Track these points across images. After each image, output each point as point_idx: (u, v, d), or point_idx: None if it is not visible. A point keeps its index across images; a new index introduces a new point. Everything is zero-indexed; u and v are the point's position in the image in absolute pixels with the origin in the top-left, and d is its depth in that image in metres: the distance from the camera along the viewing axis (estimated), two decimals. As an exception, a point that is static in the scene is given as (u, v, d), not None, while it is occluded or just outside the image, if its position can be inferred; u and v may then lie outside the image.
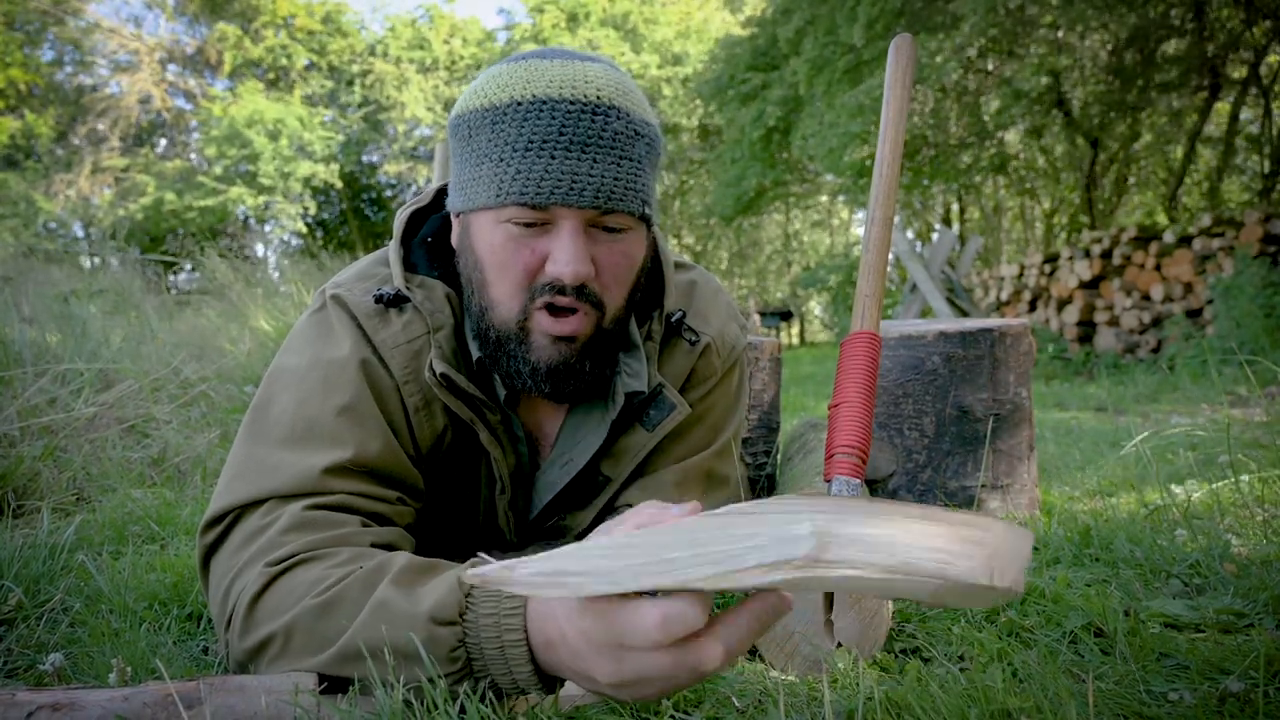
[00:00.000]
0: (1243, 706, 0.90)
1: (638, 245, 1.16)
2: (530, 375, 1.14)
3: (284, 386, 1.15)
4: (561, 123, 1.07)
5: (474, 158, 1.12)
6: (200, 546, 1.09)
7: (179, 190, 21.15)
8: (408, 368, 1.15)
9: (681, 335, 1.31)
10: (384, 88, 23.60)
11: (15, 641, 1.23)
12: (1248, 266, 6.78)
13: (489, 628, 0.85)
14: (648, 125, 1.14)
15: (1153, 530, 1.66)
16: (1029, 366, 1.98)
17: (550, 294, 1.09)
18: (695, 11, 24.65)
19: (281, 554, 0.99)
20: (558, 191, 1.06)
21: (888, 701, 0.93)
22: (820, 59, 11.01)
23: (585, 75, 1.10)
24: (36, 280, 4.45)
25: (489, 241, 1.11)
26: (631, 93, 1.14)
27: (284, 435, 1.10)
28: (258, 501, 1.06)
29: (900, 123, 1.39)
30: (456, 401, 1.16)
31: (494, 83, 1.12)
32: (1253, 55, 10.15)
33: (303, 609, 0.93)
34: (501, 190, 1.08)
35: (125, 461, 2.49)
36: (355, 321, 1.17)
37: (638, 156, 1.12)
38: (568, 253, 1.07)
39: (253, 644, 0.96)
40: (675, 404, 1.27)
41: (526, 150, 1.07)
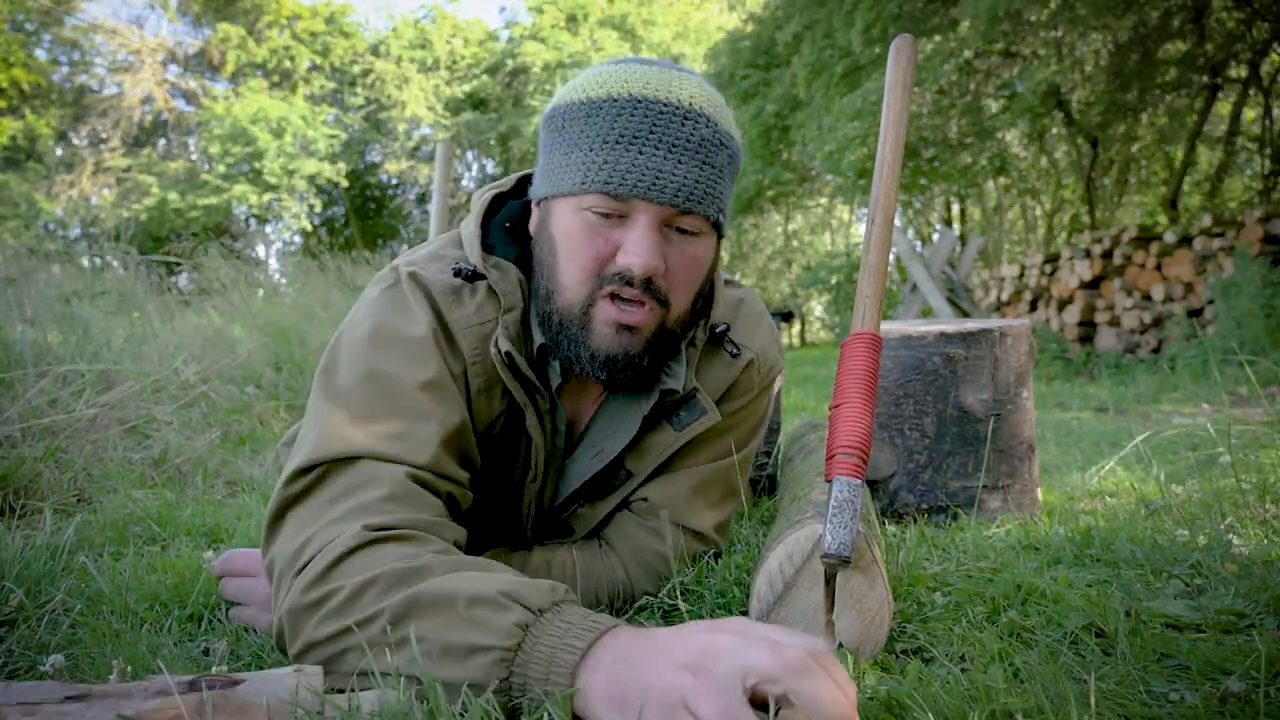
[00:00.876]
0: (1244, 707, 0.90)
1: (707, 251, 1.20)
2: (589, 361, 1.17)
3: (361, 354, 1.15)
4: (653, 122, 1.12)
5: (564, 147, 1.16)
6: (282, 497, 1.07)
7: (182, 190, 21.16)
8: (476, 349, 1.18)
9: (723, 346, 1.36)
10: (385, 87, 23.60)
11: (16, 642, 1.23)
12: (1248, 266, 6.77)
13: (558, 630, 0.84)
14: (731, 138, 1.19)
15: (1154, 530, 1.65)
16: (1030, 367, 1.98)
17: (618, 284, 1.13)
18: (694, 12, 24.64)
19: (383, 521, 0.99)
20: (640, 185, 1.10)
21: (889, 701, 0.93)
22: (819, 63, 11.01)
23: (680, 82, 1.15)
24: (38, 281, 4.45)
25: (566, 227, 1.15)
26: (721, 106, 1.19)
27: (369, 401, 1.10)
28: (350, 458, 1.05)
29: (901, 124, 1.39)
30: (514, 383, 1.19)
31: (593, 80, 1.17)
32: (1252, 55, 10.13)
33: (388, 569, 0.92)
34: (587, 178, 1.12)
35: (126, 462, 2.49)
36: (430, 300, 1.18)
37: (719, 165, 1.16)
38: (641, 245, 1.11)
39: (318, 595, 0.94)
40: (706, 409, 1.31)
41: (616, 143, 1.11)
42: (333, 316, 4.58)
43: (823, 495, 1.30)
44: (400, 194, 26.97)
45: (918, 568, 1.45)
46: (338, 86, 24.35)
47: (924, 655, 1.12)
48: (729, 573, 1.35)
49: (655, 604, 1.30)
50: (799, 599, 1.11)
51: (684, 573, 1.35)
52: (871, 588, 1.11)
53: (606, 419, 1.31)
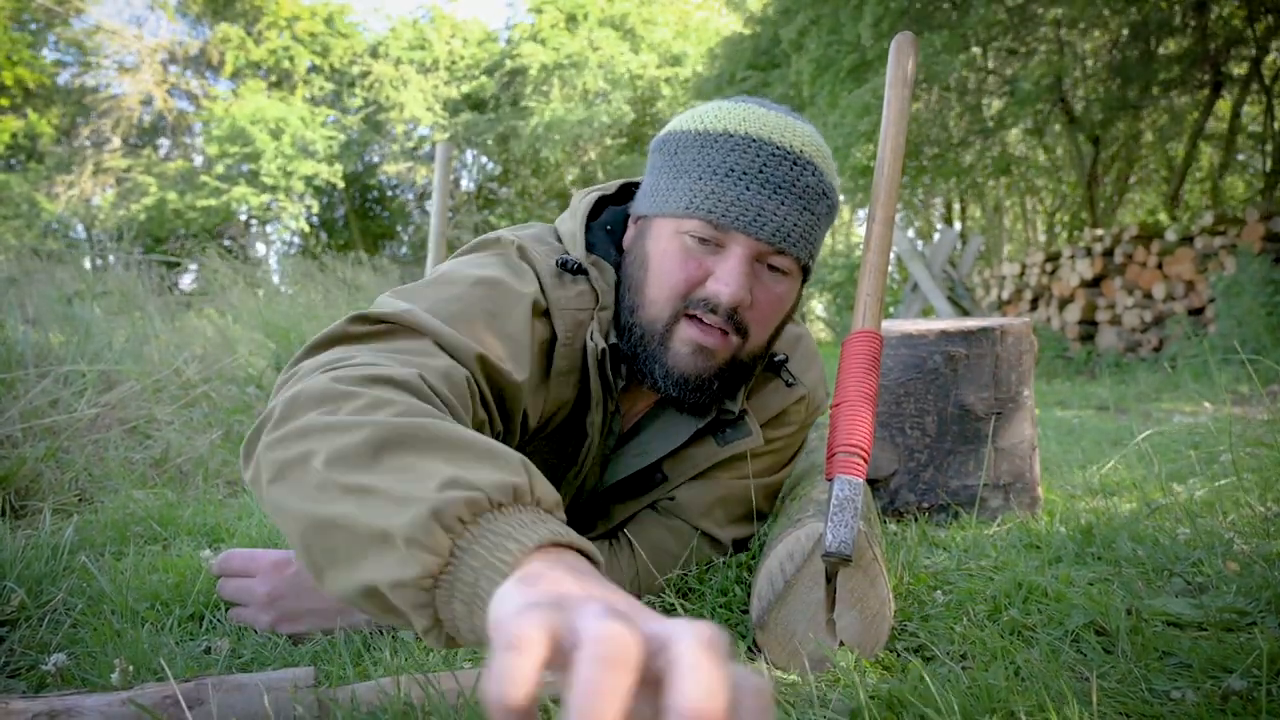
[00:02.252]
0: (1245, 705, 0.90)
1: (792, 291, 1.25)
2: (663, 378, 1.20)
3: (452, 283, 1.11)
4: (764, 161, 1.17)
5: (674, 171, 1.21)
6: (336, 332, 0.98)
7: (181, 191, 21.16)
8: (570, 331, 1.19)
9: (779, 375, 1.40)
10: (383, 89, 23.59)
11: (18, 642, 1.23)
12: (1249, 264, 6.77)
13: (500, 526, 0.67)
14: (833, 190, 1.24)
15: (1155, 529, 1.65)
16: (1031, 365, 1.98)
17: (703, 309, 1.16)
18: (694, 12, 24.62)
19: (437, 385, 0.91)
20: (742, 219, 1.15)
21: (890, 700, 0.93)
22: (825, 58, 11.00)
23: (794, 129, 1.20)
24: (40, 281, 4.46)
25: (664, 246, 1.19)
26: (828, 158, 1.24)
27: (449, 310, 1.05)
28: (421, 332, 0.99)
29: (902, 122, 1.39)
30: (598, 379, 1.21)
31: (713, 114, 1.23)
32: (1254, 52, 10.13)
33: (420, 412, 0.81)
34: (692, 204, 1.16)
35: (127, 462, 2.49)
36: (535, 270, 1.19)
37: (819, 212, 1.21)
38: (732, 276, 1.15)
39: (343, 391, 0.82)
40: (752, 431, 1.35)
41: (726, 176, 1.16)
42: (333, 316, 4.58)
43: (823, 494, 1.30)
44: (399, 194, 26.97)
45: (919, 566, 1.45)
46: (337, 88, 24.35)
47: (925, 654, 1.12)
48: (730, 571, 1.35)
49: (657, 603, 1.30)
50: (800, 598, 1.11)
51: (686, 571, 1.35)
52: (872, 586, 1.11)
53: (658, 424, 1.34)
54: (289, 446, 0.78)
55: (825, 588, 1.11)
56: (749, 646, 1.17)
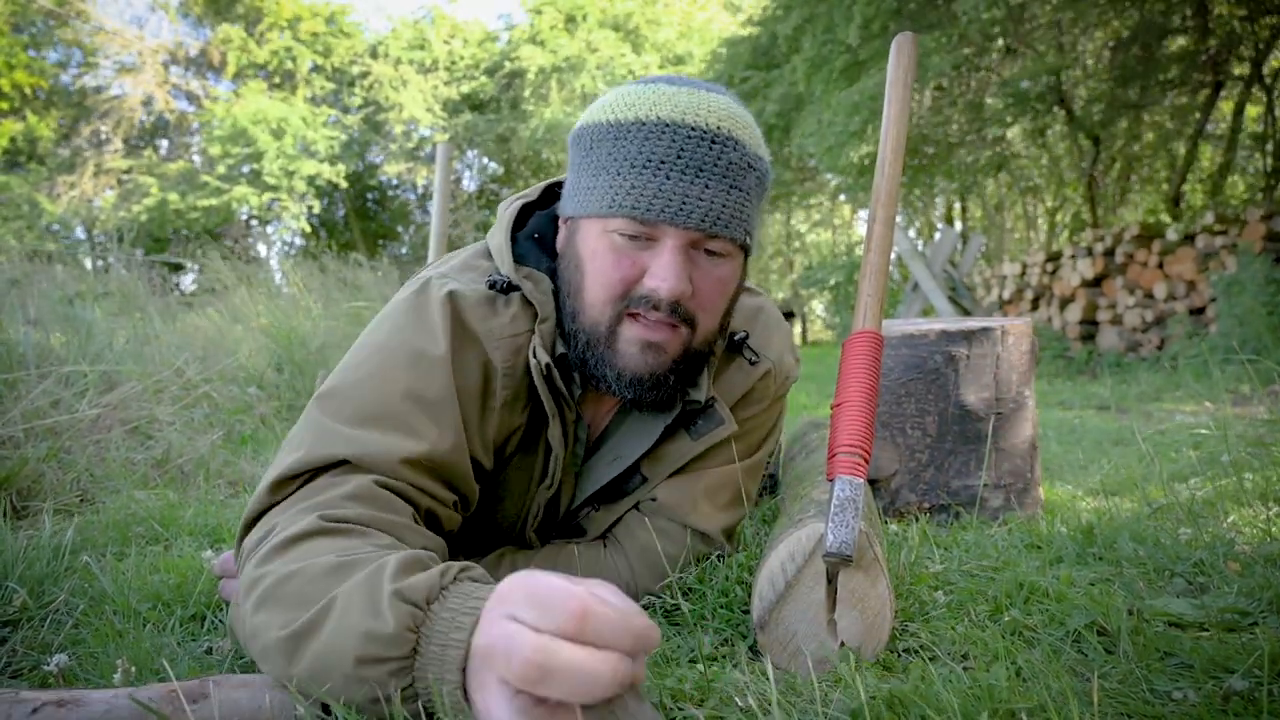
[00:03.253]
0: (1247, 705, 0.90)
1: (734, 272, 1.21)
2: (615, 380, 1.18)
3: (371, 366, 1.14)
4: (680, 146, 1.12)
5: (592, 168, 1.17)
6: (265, 502, 1.06)
7: (182, 191, 21.17)
8: (509, 361, 1.18)
9: (742, 354, 1.36)
10: (382, 89, 23.60)
11: (20, 642, 1.23)
12: (1251, 264, 6.77)
13: (444, 620, 0.80)
14: (760, 160, 1.19)
15: (1156, 529, 1.65)
16: (1032, 365, 1.98)
17: (644, 307, 1.14)
18: (697, 12, 24.61)
19: (339, 513, 0.98)
20: (667, 210, 1.11)
21: (891, 700, 0.93)
22: (819, 58, 10.99)
23: (708, 105, 1.15)
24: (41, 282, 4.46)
25: (593, 248, 1.16)
26: (749, 127, 1.19)
27: (366, 413, 1.09)
28: (333, 465, 1.05)
29: (902, 122, 1.39)
30: (548, 395, 1.19)
31: (621, 101, 1.18)
32: (1255, 52, 10.12)
33: (316, 562, 0.90)
34: (614, 202, 1.13)
35: (128, 463, 2.50)
36: (459, 316, 1.17)
37: (747, 188, 1.17)
38: (667, 270, 1.12)
39: (259, 575, 0.93)
40: (724, 419, 1.32)
41: (644, 168, 1.12)
42: (334, 315, 4.59)
43: (824, 494, 1.30)
44: (400, 195, 26.97)
45: (920, 566, 1.45)
46: (337, 87, 24.36)
47: (926, 654, 1.12)
48: (731, 571, 1.35)
49: (658, 604, 1.30)
50: (801, 598, 1.11)
51: (686, 572, 1.35)
52: (873, 586, 1.11)
53: (626, 426, 1.32)
54: (251, 637, 0.92)
55: (826, 588, 1.11)
56: (750, 647, 1.17)
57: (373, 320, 1.24)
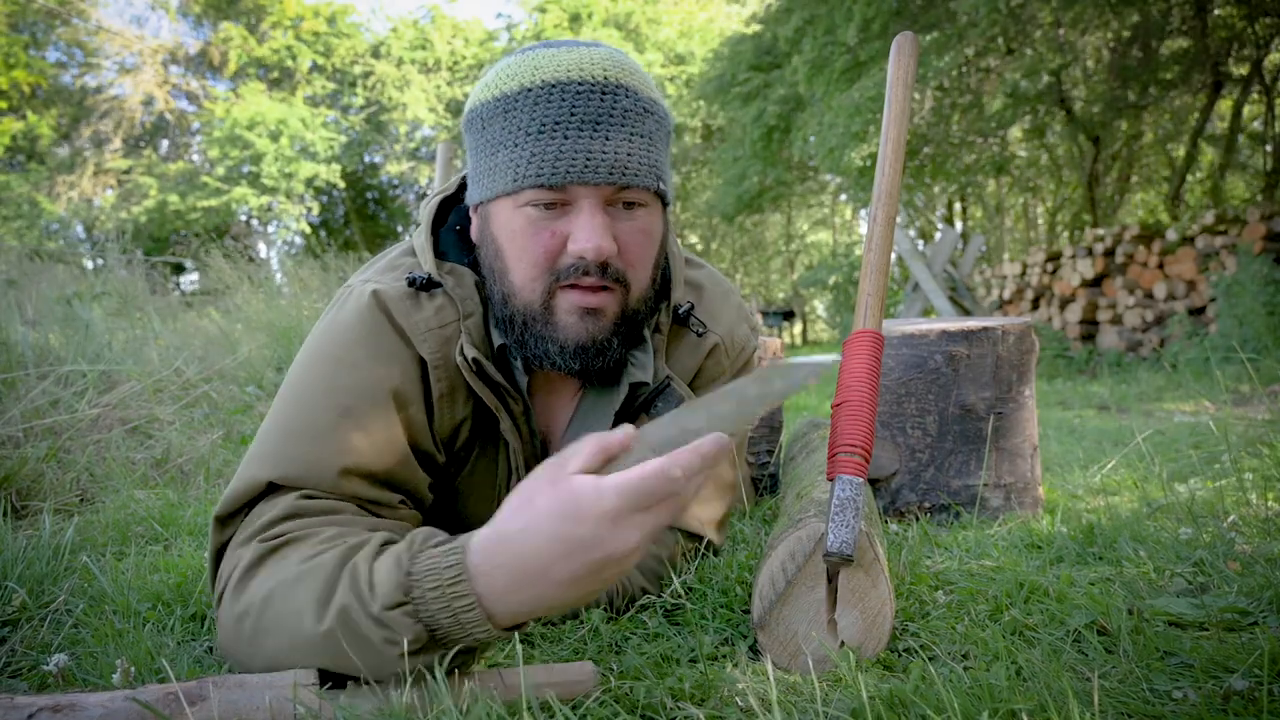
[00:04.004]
0: (1247, 705, 0.90)
1: (656, 221, 1.18)
2: (559, 354, 1.15)
3: (303, 383, 1.15)
4: (572, 104, 1.09)
5: (489, 147, 1.14)
6: (217, 541, 1.09)
7: (182, 192, 21.17)
8: (437, 353, 1.16)
9: (688, 326, 1.31)
10: (385, 89, 23.60)
11: (19, 642, 1.23)
12: (1250, 264, 6.77)
13: (437, 600, 0.86)
14: (655, 103, 1.16)
15: (1156, 529, 1.65)
16: (1032, 365, 1.98)
17: (575, 275, 1.11)
18: (698, 12, 24.61)
19: (274, 532, 1.01)
20: (573, 170, 1.07)
21: (892, 700, 0.93)
22: (819, 59, 11.00)
23: (590, 58, 1.12)
24: (40, 282, 4.46)
25: (509, 228, 1.13)
26: (636, 72, 1.16)
27: (297, 431, 1.10)
28: (266, 491, 1.07)
29: (902, 122, 1.39)
30: (484, 389, 1.17)
31: (503, 74, 1.14)
32: (1255, 52, 10.12)
33: (280, 580, 0.94)
34: (518, 175, 1.09)
35: (128, 462, 2.49)
36: (385, 313, 1.16)
37: (648, 133, 1.13)
38: (588, 230, 1.09)
39: (235, 614, 0.97)
40: (684, 397, 1.27)
41: (540, 133, 1.09)
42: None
43: (825, 494, 1.30)
44: (401, 195, 26.97)
45: (920, 566, 1.45)
46: (338, 87, 24.36)
47: (927, 654, 1.12)
48: (731, 571, 1.35)
49: (659, 604, 1.30)
50: (802, 597, 1.11)
51: (686, 571, 1.35)
52: (874, 586, 1.11)
53: (581, 421, 1.29)
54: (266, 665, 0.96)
55: (827, 587, 1.11)
56: (750, 646, 1.17)
57: (309, 337, 1.23)
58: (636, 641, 1.16)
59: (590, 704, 0.94)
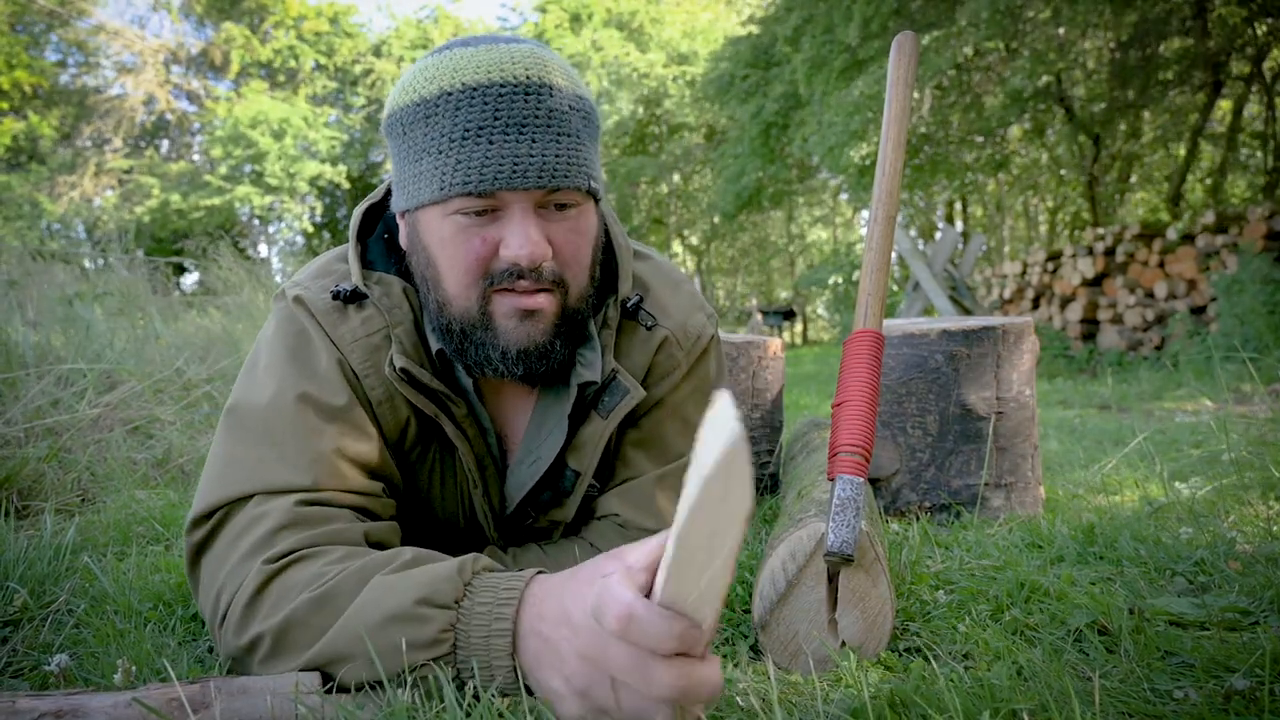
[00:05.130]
0: (1248, 704, 0.90)
1: (588, 220, 1.15)
2: (501, 360, 1.12)
3: (260, 382, 1.14)
4: (495, 106, 1.06)
5: (412, 154, 1.11)
6: (189, 545, 1.09)
7: (184, 192, 21.18)
8: (367, 361, 1.14)
9: (637, 319, 1.28)
10: (385, 87, 23.60)
11: (20, 642, 1.23)
12: (1251, 263, 6.76)
13: (482, 614, 0.87)
14: (581, 100, 1.13)
15: (1157, 528, 1.65)
16: (1032, 364, 1.98)
17: (510, 280, 1.08)
18: (700, 12, 24.60)
19: (277, 551, 1.00)
20: (500, 176, 1.04)
21: (893, 700, 0.93)
22: (818, 58, 10.99)
23: (511, 57, 1.08)
24: (41, 283, 4.46)
25: (438, 236, 1.10)
26: (559, 68, 1.12)
27: (266, 432, 1.09)
28: (245, 497, 1.06)
29: (903, 121, 1.39)
30: (419, 396, 1.15)
31: (421, 76, 1.11)
32: (1255, 51, 10.12)
33: (299, 603, 0.94)
34: (444, 183, 1.06)
35: (129, 462, 2.49)
36: (308, 318, 1.16)
37: (575, 131, 1.10)
38: (520, 236, 1.06)
39: (246, 642, 0.97)
40: (629, 388, 1.24)
41: (464, 139, 1.05)
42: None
43: (825, 494, 1.30)
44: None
45: (921, 566, 1.45)
46: (340, 87, 24.37)
47: (927, 653, 1.12)
48: (732, 571, 1.34)
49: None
50: (802, 597, 1.11)
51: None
52: (874, 586, 1.11)
53: (535, 425, 1.27)
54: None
55: (827, 587, 1.11)
56: (751, 646, 1.17)
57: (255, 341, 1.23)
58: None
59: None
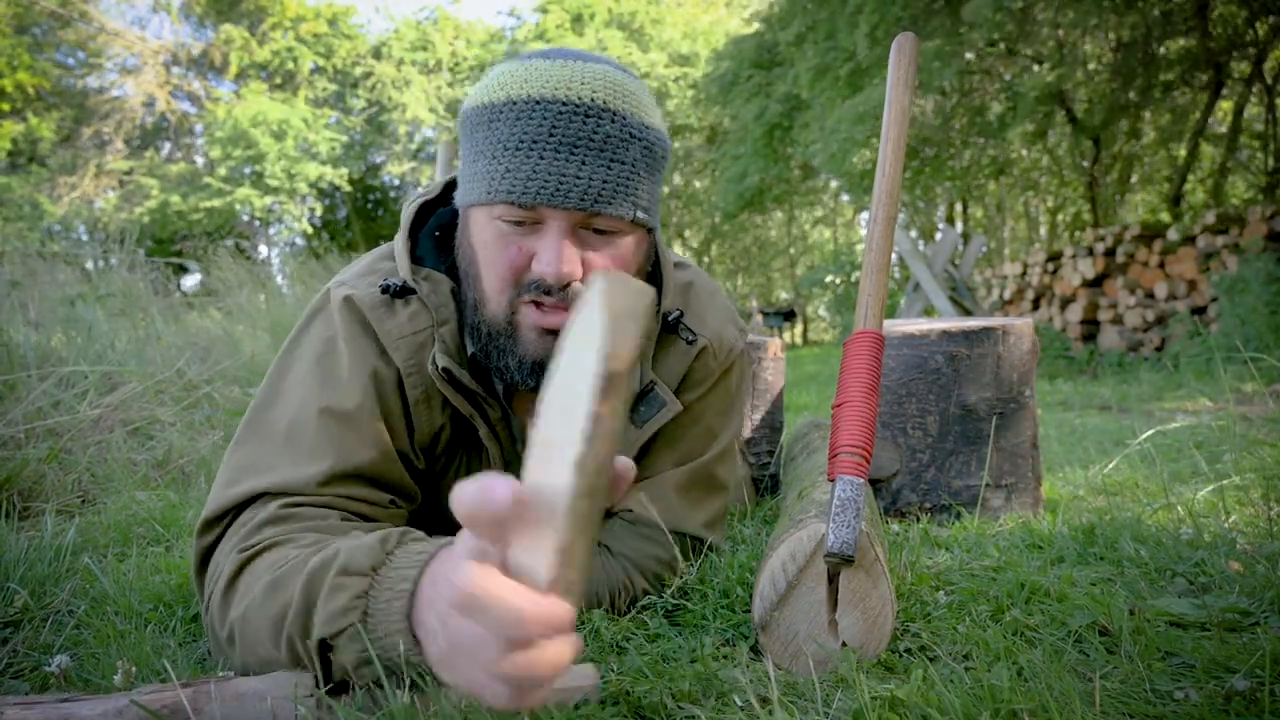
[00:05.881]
0: (1248, 705, 0.90)
1: (630, 249, 1.16)
2: (517, 369, 1.15)
3: (284, 388, 1.16)
4: (552, 123, 1.07)
5: (472, 154, 1.13)
6: (199, 548, 1.09)
7: (184, 193, 21.17)
8: (411, 359, 1.16)
9: (678, 334, 1.31)
10: (385, 89, 23.61)
11: (21, 643, 1.23)
12: (1252, 263, 6.76)
13: (390, 580, 0.82)
14: (646, 129, 1.13)
15: (1157, 529, 1.65)
16: (1033, 365, 1.98)
17: (536, 293, 1.10)
18: (702, 14, 24.60)
19: (252, 540, 1.01)
20: (544, 192, 1.06)
21: (893, 700, 0.93)
22: (822, 65, 10.99)
23: (582, 76, 1.10)
24: (43, 283, 4.47)
25: (482, 237, 1.13)
26: (631, 95, 1.13)
27: (281, 437, 1.10)
28: (252, 499, 1.07)
29: (903, 123, 1.39)
30: (458, 396, 1.17)
31: (496, 81, 1.13)
32: (1255, 52, 10.12)
33: (257, 589, 0.94)
34: (492, 188, 1.09)
35: (129, 463, 2.49)
36: (359, 318, 1.16)
37: (630, 160, 1.11)
38: (551, 253, 1.08)
39: (225, 635, 0.98)
40: (666, 401, 1.27)
41: (517, 149, 1.08)
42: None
43: (825, 494, 1.30)
44: (403, 195, 26.97)
45: (921, 566, 1.45)
46: (339, 88, 24.37)
47: (928, 654, 1.12)
48: (732, 571, 1.35)
49: (660, 604, 1.30)
50: (802, 598, 1.11)
51: (687, 571, 1.35)
52: (875, 586, 1.11)
53: None
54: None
55: (828, 588, 1.11)
56: (751, 647, 1.17)
57: (287, 340, 1.23)
58: (638, 642, 1.16)
59: (591, 705, 0.94)
